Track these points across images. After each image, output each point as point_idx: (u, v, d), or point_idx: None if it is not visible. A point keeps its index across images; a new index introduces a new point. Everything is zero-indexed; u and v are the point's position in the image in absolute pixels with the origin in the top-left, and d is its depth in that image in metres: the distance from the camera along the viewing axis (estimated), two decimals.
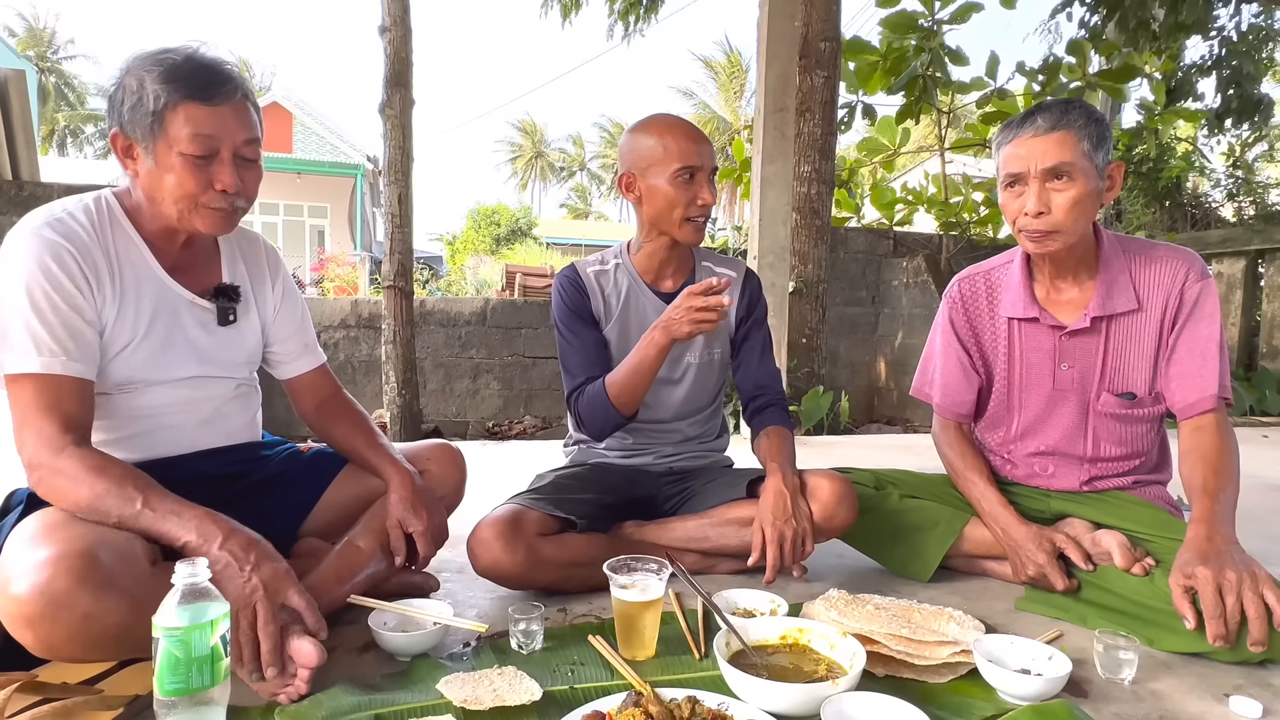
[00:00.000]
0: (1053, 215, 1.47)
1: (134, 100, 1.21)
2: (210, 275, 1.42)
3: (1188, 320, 1.53)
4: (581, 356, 1.71)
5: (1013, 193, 1.52)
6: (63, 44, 30.52)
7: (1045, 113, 1.47)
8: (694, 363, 1.78)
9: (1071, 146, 1.45)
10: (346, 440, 1.55)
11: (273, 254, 1.55)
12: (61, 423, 1.16)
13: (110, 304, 1.25)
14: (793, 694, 1.07)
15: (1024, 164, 1.47)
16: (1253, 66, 7.20)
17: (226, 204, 1.27)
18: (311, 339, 1.60)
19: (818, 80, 5.49)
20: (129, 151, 1.25)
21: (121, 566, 1.08)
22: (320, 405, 1.59)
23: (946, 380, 1.76)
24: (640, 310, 1.76)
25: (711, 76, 30.15)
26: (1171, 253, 1.57)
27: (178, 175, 1.22)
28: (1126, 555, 1.50)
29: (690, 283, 1.75)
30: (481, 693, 1.11)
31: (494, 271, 11.49)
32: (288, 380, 1.59)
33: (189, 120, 1.20)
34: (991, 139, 1.56)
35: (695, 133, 1.66)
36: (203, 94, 1.21)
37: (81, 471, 1.13)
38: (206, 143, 1.22)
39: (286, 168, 18.09)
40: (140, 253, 1.31)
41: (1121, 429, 1.64)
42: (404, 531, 1.44)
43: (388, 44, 5.24)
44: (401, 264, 5.39)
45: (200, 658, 0.94)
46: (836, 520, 1.60)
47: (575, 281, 1.75)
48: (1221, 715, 1.18)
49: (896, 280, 6.88)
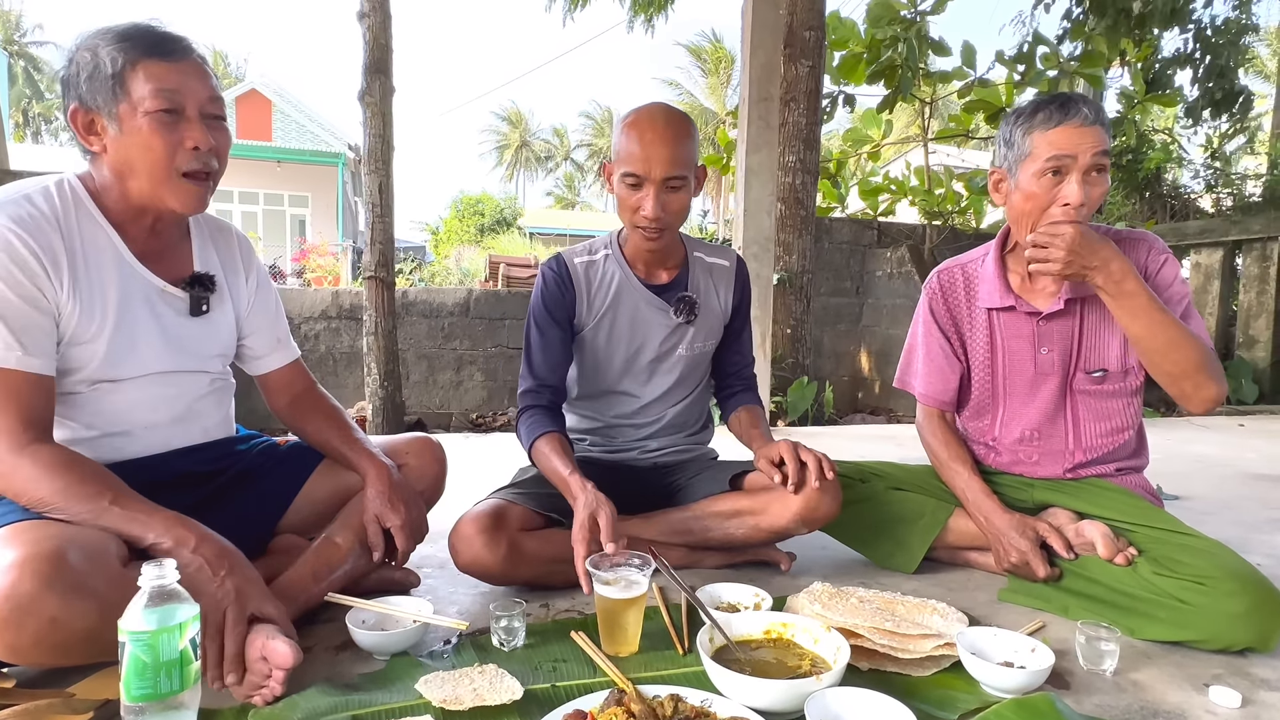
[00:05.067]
0: (1087, 207, 1.47)
1: (90, 69, 1.17)
2: (182, 263, 1.37)
3: (1155, 291, 1.51)
4: (543, 355, 1.67)
5: (1050, 180, 1.48)
6: (30, 28, 29.86)
7: (1085, 104, 1.47)
8: (685, 355, 1.76)
9: (1106, 141, 1.46)
10: (320, 435, 1.52)
11: (245, 244, 1.51)
12: (21, 418, 1.12)
13: (70, 292, 1.20)
14: (776, 690, 1.06)
15: (1075, 149, 1.45)
16: (1231, 59, 7.27)
17: (200, 164, 1.23)
18: (285, 333, 1.56)
19: (802, 69, 5.47)
20: (91, 126, 1.20)
21: (92, 568, 1.04)
22: (294, 400, 1.55)
23: (929, 369, 1.77)
24: (631, 304, 1.70)
25: (698, 65, 30.03)
26: (1132, 235, 1.61)
27: (146, 137, 1.18)
28: (1110, 545, 1.51)
29: (683, 276, 1.74)
30: (461, 692, 1.09)
31: (478, 262, 11.41)
32: (261, 376, 1.55)
33: (150, 76, 1.18)
34: (1008, 122, 1.56)
35: (653, 137, 1.50)
36: (160, 49, 1.19)
37: (44, 468, 1.10)
38: (171, 97, 1.19)
39: (266, 156, 17.84)
40: (107, 237, 1.25)
41: (1099, 405, 1.66)
42: (382, 526, 1.41)
43: (366, 30, 5.15)
44: (383, 254, 5.31)
45: (169, 662, 0.91)
46: (820, 512, 1.59)
47: (560, 277, 1.68)
48: (1201, 705, 1.18)
49: (880, 271, 6.89)
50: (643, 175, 1.52)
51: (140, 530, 1.11)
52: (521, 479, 1.72)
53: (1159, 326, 1.44)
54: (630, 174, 1.52)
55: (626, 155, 1.53)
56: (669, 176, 1.52)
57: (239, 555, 1.16)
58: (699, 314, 1.73)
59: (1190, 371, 1.45)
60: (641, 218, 1.55)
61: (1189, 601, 1.36)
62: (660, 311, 1.71)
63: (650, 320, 1.71)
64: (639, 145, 1.51)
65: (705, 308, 1.74)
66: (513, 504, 1.56)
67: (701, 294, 1.74)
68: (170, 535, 1.11)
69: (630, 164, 1.52)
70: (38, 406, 1.15)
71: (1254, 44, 8.30)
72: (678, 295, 1.71)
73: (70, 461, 1.13)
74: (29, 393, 1.14)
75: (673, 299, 1.70)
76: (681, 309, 1.70)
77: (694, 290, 1.73)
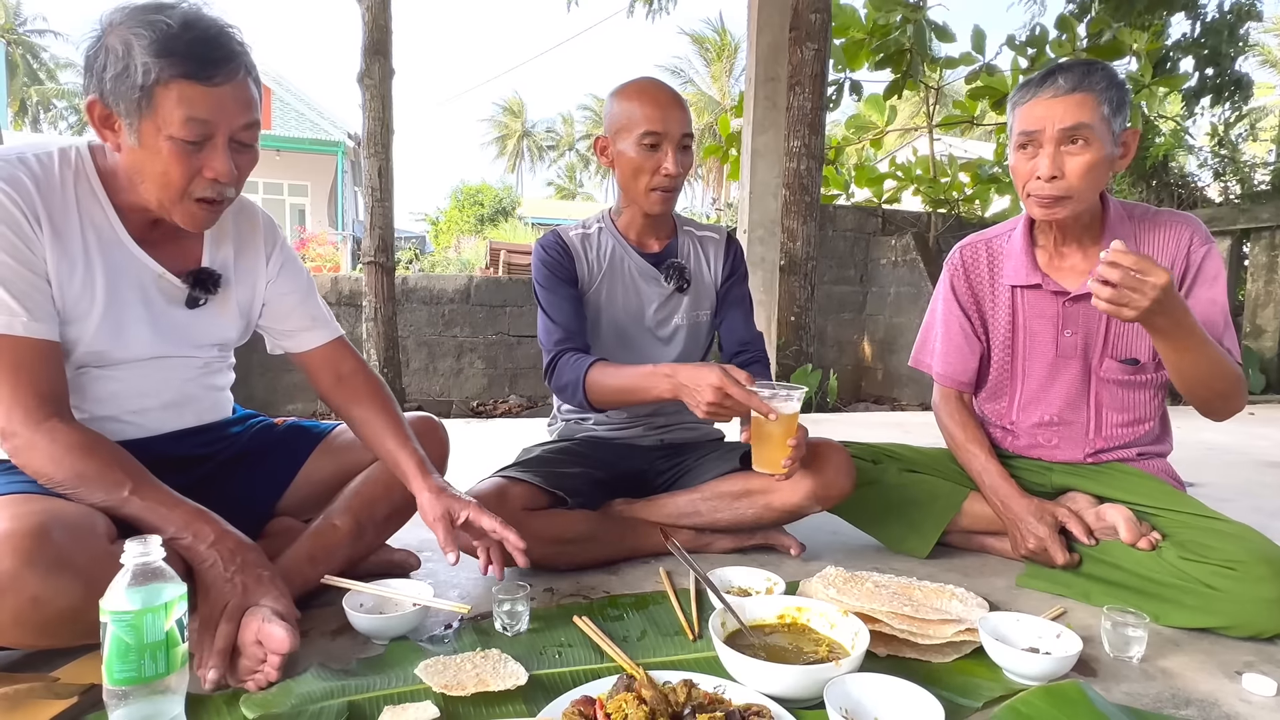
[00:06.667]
0: (1066, 180, 1.41)
1: (119, 68, 1.05)
2: (189, 254, 1.29)
3: (1194, 285, 1.49)
4: (560, 310, 1.62)
5: (1025, 154, 1.45)
6: (31, 18, 29.66)
7: (1067, 73, 1.40)
8: (682, 325, 1.74)
9: (1091, 109, 1.38)
10: (367, 425, 1.39)
11: (270, 227, 1.41)
12: (35, 391, 1.07)
13: (54, 257, 1.12)
14: (793, 676, 1.01)
15: (1040, 124, 1.40)
16: (1231, 46, 7.17)
17: (215, 193, 1.14)
18: (321, 312, 1.46)
19: (808, 53, 5.38)
20: (108, 122, 1.10)
21: (76, 545, 0.99)
22: (339, 381, 1.44)
23: (948, 348, 1.71)
24: (626, 271, 1.71)
25: (700, 54, 29.84)
26: (1175, 218, 1.53)
27: (164, 162, 1.09)
28: (1133, 529, 1.46)
29: (673, 246, 1.74)
30: (463, 677, 1.05)
31: (479, 252, 11.34)
32: (299, 355, 1.45)
33: (183, 101, 1.05)
34: (1010, 110, 1.50)
35: (666, 98, 1.58)
36: (202, 73, 1.06)
37: (64, 449, 1.06)
38: (201, 128, 1.08)
39: (265, 144, 17.56)
40: (105, 216, 1.18)
41: (1125, 395, 1.59)
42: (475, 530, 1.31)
43: (365, 11, 5.08)
44: (382, 239, 5.26)
45: (153, 644, 0.86)
46: (835, 489, 1.55)
47: (559, 245, 1.69)
48: (1234, 693, 1.13)
49: (885, 259, 6.82)
50: (663, 133, 1.56)
51: (159, 522, 1.08)
52: (526, 458, 1.67)
53: (1204, 360, 1.34)
54: (650, 133, 1.56)
55: (643, 117, 1.56)
56: (686, 133, 1.59)
57: (255, 551, 1.13)
58: (690, 280, 1.73)
59: (1223, 394, 1.40)
60: (661, 177, 1.58)
61: (1218, 587, 1.31)
62: (653, 280, 1.71)
63: (644, 288, 1.71)
64: (655, 106, 1.56)
65: (696, 276, 1.75)
66: (516, 482, 1.52)
67: (691, 262, 1.75)
68: (189, 530, 1.09)
69: (650, 124, 1.56)
70: (50, 377, 1.10)
71: (1259, 32, 8.21)
72: (667, 262, 1.71)
73: (91, 445, 1.09)
74: (39, 362, 1.09)
75: (663, 267, 1.71)
76: (672, 274, 1.71)
77: (683, 258, 1.74)
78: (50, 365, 1.11)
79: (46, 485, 1.08)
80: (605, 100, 1.68)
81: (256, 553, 1.13)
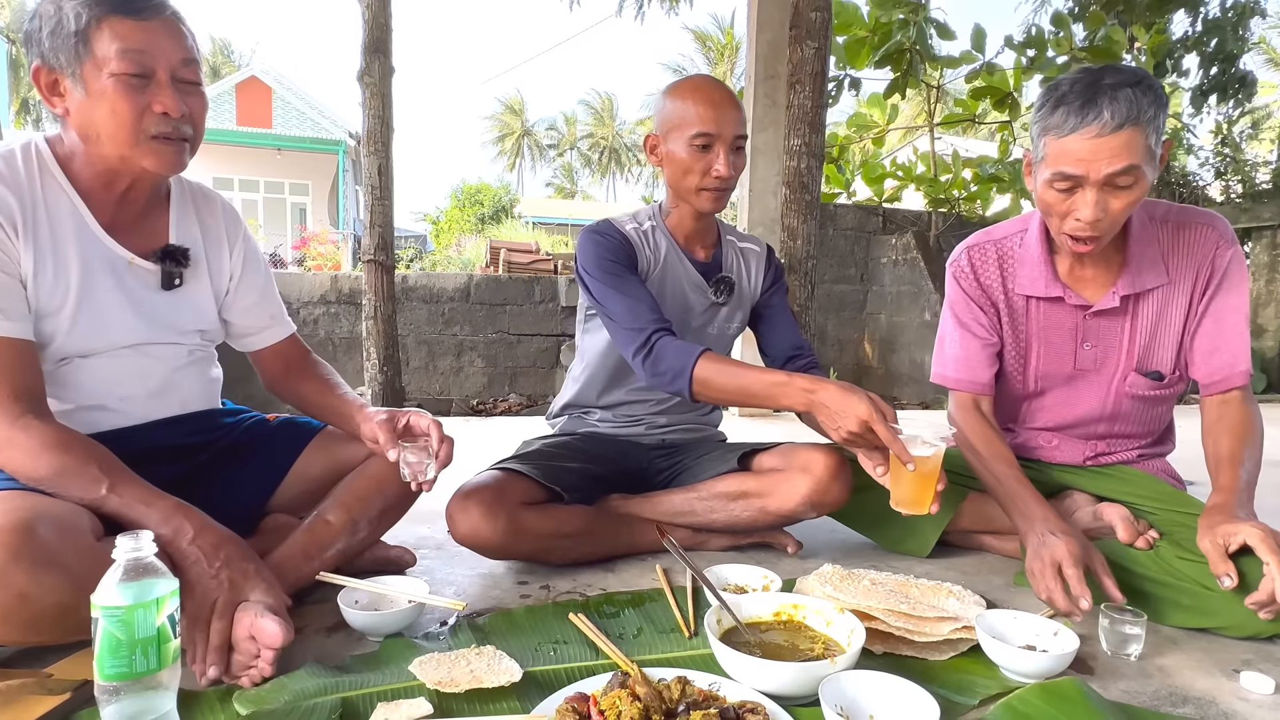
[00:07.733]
0: (1105, 221, 1.28)
1: (52, 24, 1.10)
2: (156, 235, 1.30)
3: (1218, 289, 1.44)
4: (634, 296, 1.51)
5: (1060, 192, 1.30)
6: None
7: (1112, 103, 1.21)
8: (713, 335, 1.73)
9: (1140, 147, 1.22)
10: (317, 396, 1.45)
11: (232, 215, 1.44)
12: (9, 389, 1.08)
13: (30, 257, 1.14)
14: (789, 673, 1.01)
15: (1083, 168, 1.25)
16: (1235, 44, 7.16)
17: (170, 128, 1.15)
18: (279, 309, 1.49)
19: (808, 51, 5.35)
20: (54, 87, 1.13)
21: (62, 541, 0.99)
22: (288, 368, 1.49)
23: (964, 353, 1.60)
24: (675, 278, 1.67)
25: (703, 52, 29.83)
26: (1200, 221, 1.45)
27: (111, 100, 1.11)
28: (1129, 529, 1.45)
29: (718, 256, 1.73)
30: (457, 674, 1.04)
31: (479, 251, 11.32)
32: (255, 353, 1.48)
33: (116, 35, 1.10)
34: (1036, 105, 1.34)
35: (720, 97, 1.54)
36: (128, 7, 1.11)
37: (40, 446, 1.06)
38: (138, 59, 1.11)
39: (266, 143, 17.72)
40: (71, 205, 1.19)
41: (1144, 410, 1.55)
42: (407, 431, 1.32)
43: (365, 9, 5.07)
44: (382, 238, 5.24)
45: (145, 639, 0.86)
46: (831, 496, 1.54)
47: (617, 233, 1.61)
48: (1232, 691, 1.13)
49: (885, 258, 6.82)
50: (715, 133, 1.53)
51: (138, 518, 1.08)
52: (525, 452, 1.66)
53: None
54: (703, 134, 1.53)
55: (696, 118, 1.53)
56: (739, 134, 1.55)
57: (238, 545, 1.12)
58: (734, 295, 1.73)
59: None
60: (713, 178, 1.55)
61: (1215, 588, 1.30)
62: (699, 291, 1.70)
63: (690, 297, 1.69)
64: (710, 107, 1.52)
65: (737, 289, 1.74)
66: (514, 476, 1.51)
67: (736, 275, 1.74)
68: (169, 525, 1.07)
69: (703, 124, 1.52)
70: (25, 375, 1.10)
71: (1263, 29, 8.20)
72: (717, 276, 1.71)
73: (68, 442, 1.09)
74: (13, 360, 1.09)
75: (712, 279, 1.70)
76: (721, 290, 1.70)
77: (729, 271, 1.73)
78: (25, 363, 1.11)
79: (26, 482, 1.08)
80: (657, 98, 1.64)
81: (240, 546, 1.12)
